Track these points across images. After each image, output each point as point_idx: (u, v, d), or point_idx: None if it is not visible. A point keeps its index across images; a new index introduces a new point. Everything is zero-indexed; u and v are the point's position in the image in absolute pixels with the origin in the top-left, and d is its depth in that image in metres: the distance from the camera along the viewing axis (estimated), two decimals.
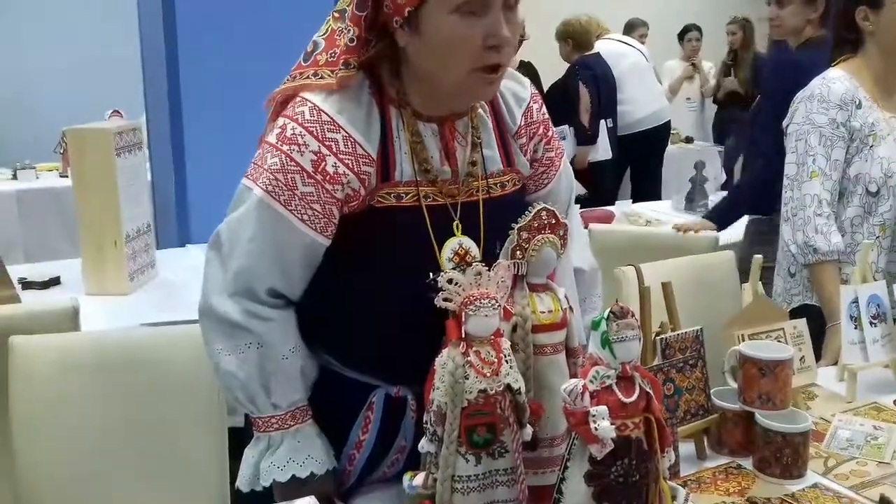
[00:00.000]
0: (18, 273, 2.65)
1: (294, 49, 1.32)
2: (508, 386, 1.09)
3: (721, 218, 3.08)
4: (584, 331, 1.35)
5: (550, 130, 1.45)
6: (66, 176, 4.56)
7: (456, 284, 1.10)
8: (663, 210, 4.02)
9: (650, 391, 1.05)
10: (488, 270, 1.12)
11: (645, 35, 6.35)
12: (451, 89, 1.23)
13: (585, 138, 4.94)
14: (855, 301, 1.77)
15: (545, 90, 4.96)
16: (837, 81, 2.09)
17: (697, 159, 4.35)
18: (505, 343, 1.11)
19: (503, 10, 1.17)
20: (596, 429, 0.99)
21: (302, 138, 1.22)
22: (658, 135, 5.45)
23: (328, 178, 1.22)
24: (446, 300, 1.10)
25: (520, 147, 1.39)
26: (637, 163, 5.43)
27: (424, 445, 1.11)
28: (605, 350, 1.03)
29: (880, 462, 1.46)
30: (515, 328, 1.16)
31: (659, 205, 4.25)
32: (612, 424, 1.00)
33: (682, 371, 1.44)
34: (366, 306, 1.29)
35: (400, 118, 1.27)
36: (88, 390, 1.60)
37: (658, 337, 1.43)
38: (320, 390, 1.33)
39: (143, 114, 3.49)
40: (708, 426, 1.48)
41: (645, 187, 5.34)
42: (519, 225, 1.19)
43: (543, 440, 1.19)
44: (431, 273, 1.20)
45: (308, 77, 1.26)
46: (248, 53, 3.14)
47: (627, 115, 5.26)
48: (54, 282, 2.71)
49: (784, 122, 2.19)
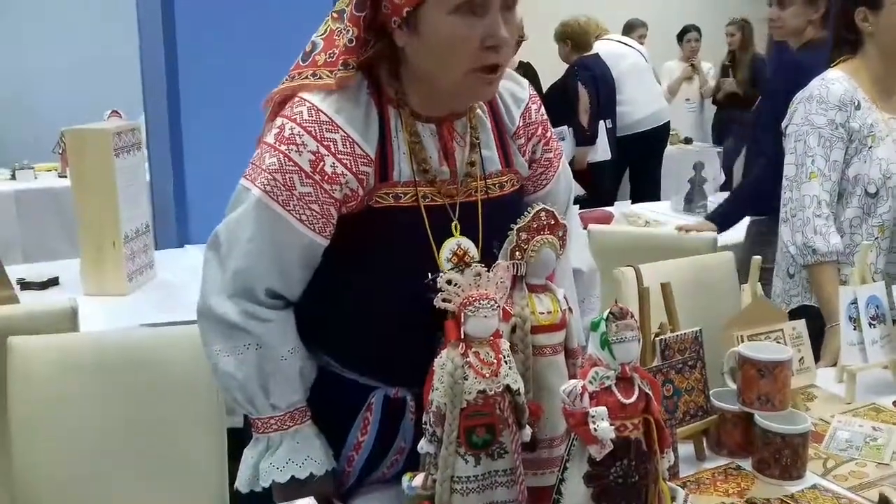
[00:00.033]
0: (17, 273, 2.65)
1: (293, 49, 1.32)
2: (507, 387, 1.09)
3: (723, 219, 3.08)
4: (584, 331, 1.35)
5: (549, 131, 1.45)
6: (65, 176, 4.56)
7: (455, 285, 1.10)
8: (662, 211, 4.02)
9: (649, 392, 1.05)
10: (487, 271, 1.12)
11: (644, 36, 6.36)
12: (450, 89, 1.23)
13: (584, 139, 4.93)
14: (854, 302, 1.77)
15: (544, 91, 4.95)
16: (836, 82, 2.09)
17: (696, 160, 4.34)
18: (504, 344, 1.11)
19: (501, 11, 1.17)
20: (595, 430, 0.99)
21: (300, 138, 1.21)
22: (657, 135, 5.45)
23: (326, 179, 1.21)
24: (445, 301, 1.10)
25: (518, 148, 1.39)
26: (636, 163, 5.43)
27: (423, 446, 1.11)
28: (605, 351, 1.03)
29: (879, 463, 1.46)
30: (514, 329, 1.16)
31: (658, 205, 4.24)
32: (612, 425, 0.99)
33: (682, 372, 1.44)
34: (364, 306, 1.29)
35: (398, 118, 1.27)
36: (87, 391, 1.59)
37: (657, 338, 1.43)
38: (319, 391, 1.33)
39: (142, 114, 3.48)
40: (707, 427, 1.48)
41: (644, 188, 5.33)
42: (518, 226, 1.19)
43: (542, 441, 1.18)
44: (430, 273, 1.20)
45: (306, 77, 1.25)
46: (247, 54, 3.14)
47: (626, 116, 5.26)
48: (53, 282, 2.70)
49: (783, 123, 2.18)
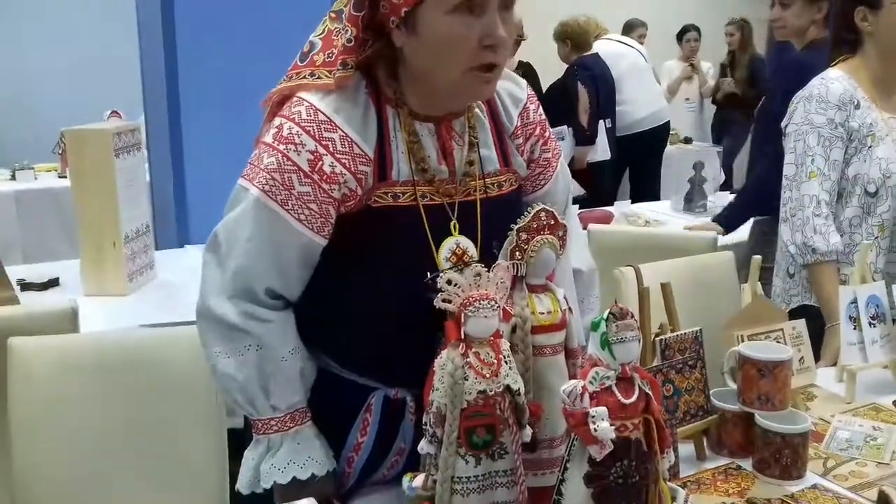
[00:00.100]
0: (17, 274, 2.65)
1: (293, 49, 1.32)
2: (508, 387, 1.09)
3: (728, 221, 3.08)
4: (583, 331, 1.35)
5: (547, 131, 1.45)
6: (65, 176, 4.55)
7: (455, 285, 1.10)
8: (662, 210, 4.02)
9: (649, 392, 1.05)
10: (487, 271, 1.12)
11: (643, 35, 6.36)
12: (448, 89, 1.23)
13: (584, 139, 4.93)
14: (854, 302, 1.77)
15: (544, 91, 4.95)
16: (836, 82, 2.08)
17: (696, 160, 4.34)
18: (504, 344, 1.11)
19: (499, 11, 1.17)
20: (595, 430, 0.99)
21: (298, 137, 1.21)
22: (657, 135, 5.45)
23: (325, 178, 1.21)
24: (445, 301, 1.10)
25: (516, 147, 1.39)
26: (636, 163, 5.42)
27: (424, 447, 1.11)
28: (605, 351, 1.03)
29: (879, 463, 1.46)
30: (515, 329, 1.16)
31: (658, 205, 4.24)
32: (612, 425, 0.99)
33: (682, 372, 1.44)
34: (363, 306, 1.29)
35: (397, 118, 1.27)
36: (87, 391, 1.59)
37: (657, 338, 1.43)
38: (318, 392, 1.33)
39: (142, 114, 3.48)
40: (707, 427, 1.48)
41: (644, 188, 5.33)
42: (518, 226, 1.19)
43: (543, 441, 1.18)
44: (429, 273, 1.20)
45: (305, 77, 1.25)
46: (247, 54, 3.14)
47: (626, 116, 5.26)
48: (53, 283, 2.70)
49: (783, 123, 2.18)
